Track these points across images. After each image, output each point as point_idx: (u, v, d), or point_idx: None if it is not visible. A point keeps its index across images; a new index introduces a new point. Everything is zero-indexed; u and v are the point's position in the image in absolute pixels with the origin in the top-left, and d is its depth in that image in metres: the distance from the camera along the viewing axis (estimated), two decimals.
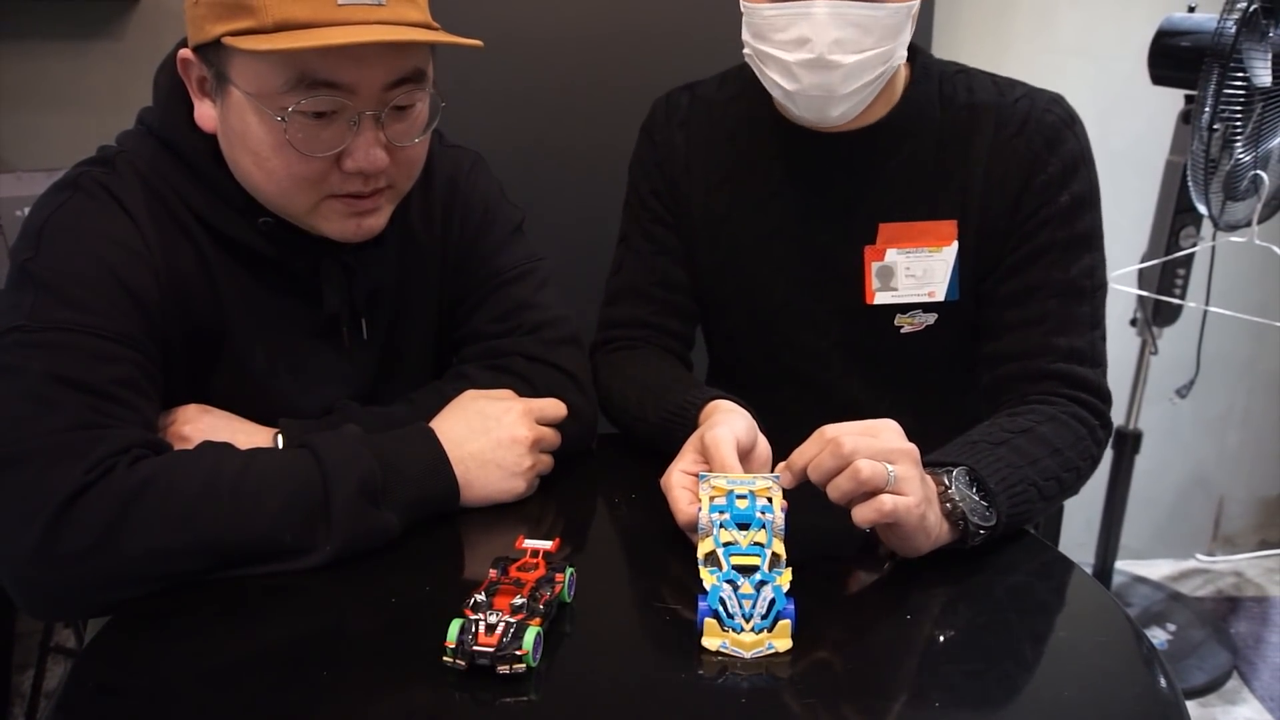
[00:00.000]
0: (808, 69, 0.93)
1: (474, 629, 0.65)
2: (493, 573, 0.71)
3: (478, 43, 0.84)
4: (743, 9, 0.98)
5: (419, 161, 0.92)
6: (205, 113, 0.87)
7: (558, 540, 0.76)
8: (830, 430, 0.79)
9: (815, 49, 0.91)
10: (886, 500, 0.75)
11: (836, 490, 0.77)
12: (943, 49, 1.98)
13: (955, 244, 1.04)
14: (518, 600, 0.67)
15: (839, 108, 0.97)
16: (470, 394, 0.94)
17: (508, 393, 0.95)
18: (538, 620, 0.67)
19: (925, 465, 0.81)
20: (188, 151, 0.88)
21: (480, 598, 0.67)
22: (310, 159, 0.83)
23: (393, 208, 0.92)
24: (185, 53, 0.86)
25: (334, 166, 0.84)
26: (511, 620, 0.65)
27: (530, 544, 0.74)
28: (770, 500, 0.76)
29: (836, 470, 0.76)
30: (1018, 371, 1.01)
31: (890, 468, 0.76)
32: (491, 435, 0.90)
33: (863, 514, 0.76)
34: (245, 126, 0.83)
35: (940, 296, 1.06)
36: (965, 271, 1.05)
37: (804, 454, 0.79)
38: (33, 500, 0.73)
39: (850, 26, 0.91)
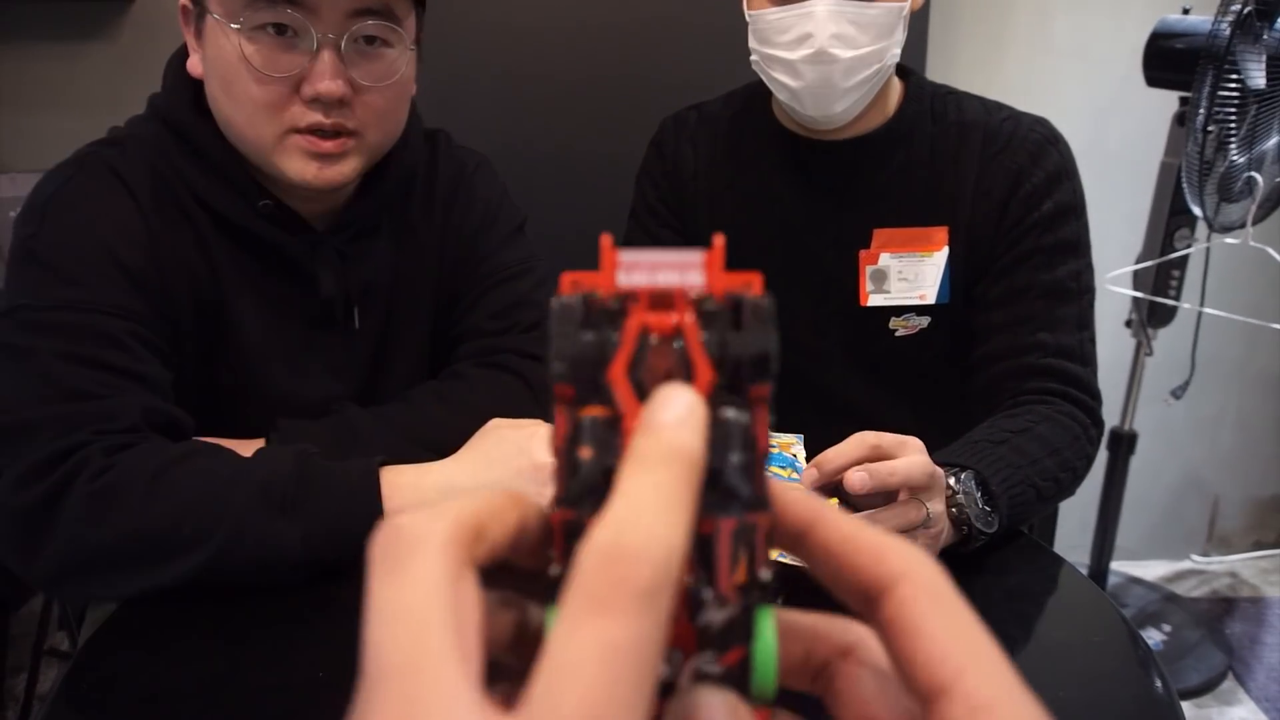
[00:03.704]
0: (810, 64, 0.98)
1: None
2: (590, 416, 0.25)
3: None
4: (748, 18, 1.03)
5: (391, 115, 0.91)
6: (195, 61, 0.88)
7: (719, 246, 0.26)
8: (873, 438, 0.76)
9: (816, 44, 0.97)
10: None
11: (877, 522, 0.75)
12: (939, 53, 1.99)
13: (945, 250, 1.08)
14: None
15: (840, 103, 1.01)
16: (495, 422, 0.90)
17: (535, 422, 0.90)
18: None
19: None
20: (192, 134, 0.89)
21: None
22: (269, 80, 0.83)
23: (360, 161, 0.90)
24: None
25: (294, 96, 0.85)
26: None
27: (630, 262, 0.26)
28: (795, 455, 0.78)
29: (875, 490, 0.74)
30: (1008, 370, 1.03)
31: (929, 511, 0.75)
32: (512, 464, 0.85)
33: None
34: (217, 52, 0.84)
35: (931, 299, 1.09)
36: (955, 277, 1.08)
37: (843, 455, 0.76)
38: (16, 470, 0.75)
39: (847, 24, 0.97)
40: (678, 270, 0.26)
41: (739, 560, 0.25)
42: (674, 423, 0.24)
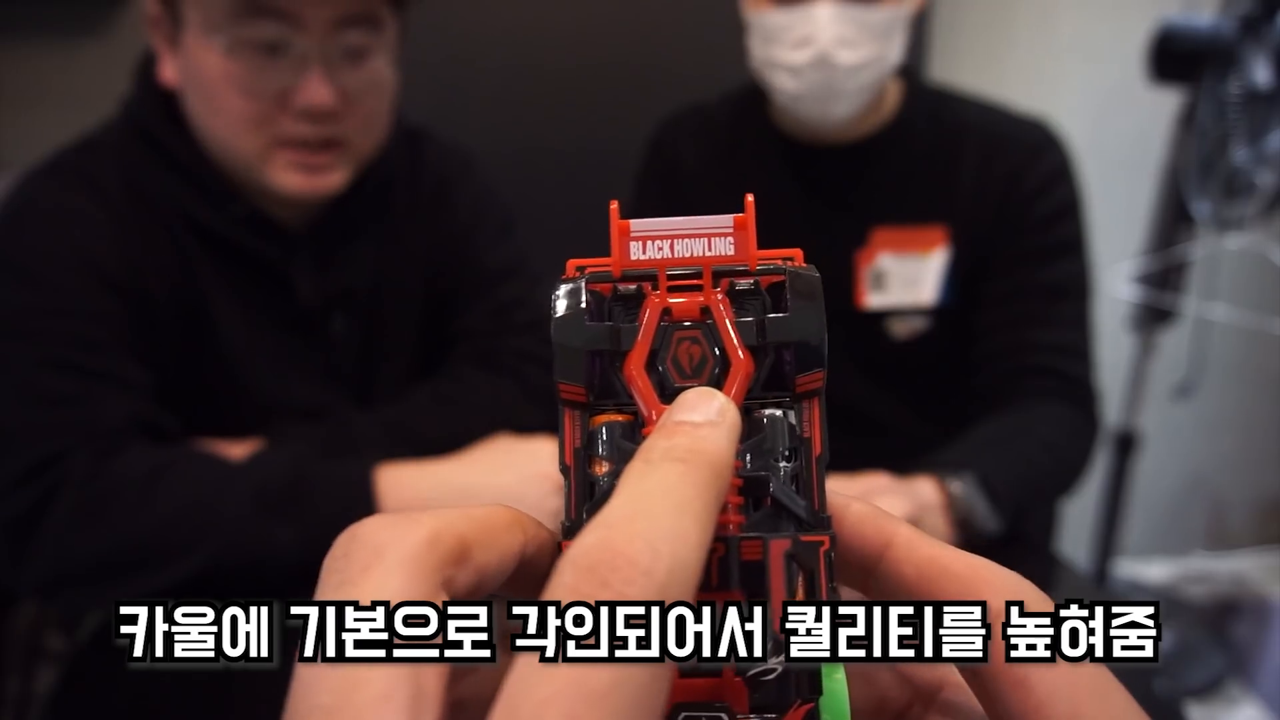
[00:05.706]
0: (812, 67, 0.98)
1: None
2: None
3: None
4: (749, 21, 1.03)
5: (377, 122, 0.91)
6: (168, 70, 0.87)
7: (751, 206, 0.22)
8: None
9: (818, 46, 0.96)
10: None
11: None
12: (944, 52, 1.98)
13: (943, 251, 1.08)
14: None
15: (841, 106, 1.01)
16: (504, 437, 0.91)
17: (544, 438, 0.91)
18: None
19: (933, 467, 0.82)
20: (164, 141, 0.88)
21: None
22: (255, 95, 0.82)
23: (350, 170, 0.90)
24: (150, 5, 0.86)
25: (282, 108, 0.84)
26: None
27: (644, 233, 0.23)
28: None
29: None
30: (1007, 369, 1.03)
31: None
32: (519, 470, 0.84)
33: None
34: (198, 65, 0.83)
35: (930, 300, 1.09)
36: (954, 279, 1.08)
37: None
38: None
39: (849, 26, 0.96)
40: (702, 240, 0.21)
41: (795, 591, 0.20)
42: (696, 421, 0.19)
